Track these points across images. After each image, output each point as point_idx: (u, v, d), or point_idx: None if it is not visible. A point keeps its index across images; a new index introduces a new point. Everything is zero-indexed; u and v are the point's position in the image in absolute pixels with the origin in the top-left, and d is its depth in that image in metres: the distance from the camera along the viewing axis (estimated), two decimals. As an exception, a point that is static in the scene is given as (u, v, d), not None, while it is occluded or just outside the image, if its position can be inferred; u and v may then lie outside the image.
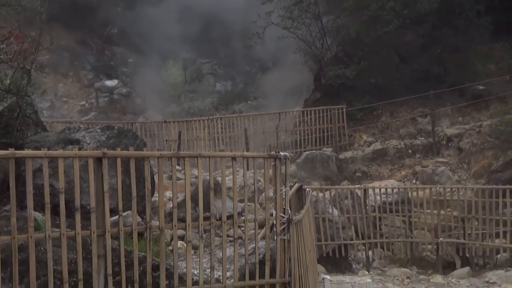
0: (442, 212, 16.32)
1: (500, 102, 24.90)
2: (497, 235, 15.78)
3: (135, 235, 7.16)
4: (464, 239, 15.98)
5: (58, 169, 6.69)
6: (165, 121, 25.43)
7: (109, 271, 6.90)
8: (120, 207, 7.04)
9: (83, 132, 12.07)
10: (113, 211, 7.17)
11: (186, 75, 41.08)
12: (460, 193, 16.60)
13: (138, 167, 7.30)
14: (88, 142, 11.59)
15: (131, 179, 7.09)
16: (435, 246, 16.26)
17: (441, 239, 16.06)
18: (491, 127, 21.92)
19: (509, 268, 14.78)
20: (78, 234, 6.76)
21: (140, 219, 8.99)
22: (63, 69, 38.73)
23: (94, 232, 6.85)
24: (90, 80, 39.19)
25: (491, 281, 14.07)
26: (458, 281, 14.33)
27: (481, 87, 25.65)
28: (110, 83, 39.18)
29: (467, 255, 16.03)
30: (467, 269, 15.35)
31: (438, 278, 14.70)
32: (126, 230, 7.16)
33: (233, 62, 41.50)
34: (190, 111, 36.54)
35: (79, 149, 8.82)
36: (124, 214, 7.24)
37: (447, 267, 16.04)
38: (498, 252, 15.85)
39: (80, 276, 6.75)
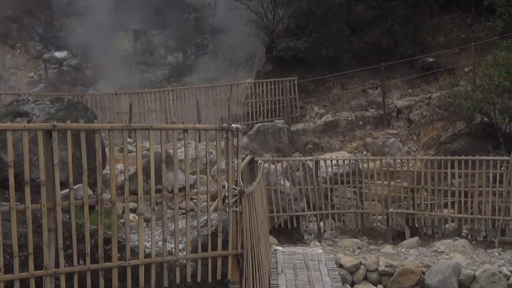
0: (392, 183, 16.51)
1: (449, 74, 25.22)
2: (445, 205, 16.05)
3: (86, 208, 7.10)
4: (414, 209, 16.21)
5: (7, 142, 6.57)
6: (116, 93, 25.12)
7: (60, 244, 6.84)
8: (71, 180, 6.97)
9: (32, 105, 11.92)
10: (64, 184, 7.09)
11: (137, 47, 40.68)
12: (410, 164, 16.79)
13: (88, 140, 7.21)
14: (37, 114, 11.46)
15: (81, 152, 7.01)
16: (385, 217, 16.46)
17: (391, 209, 16.26)
18: (440, 99, 22.19)
19: (456, 238, 15.05)
20: (28, 207, 6.67)
21: (91, 192, 8.93)
22: (11, 40, 38.07)
23: (44, 205, 6.77)
24: (38, 51, 38.57)
25: (439, 250, 14.31)
26: (408, 251, 14.55)
27: (430, 59, 25.94)
28: (59, 54, 38.60)
29: (416, 225, 16.28)
30: (416, 238, 15.58)
31: (388, 248, 14.90)
32: (77, 203, 7.10)
33: (184, 33, 41.21)
34: (141, 83, 36.19)
35: (28, 121, 8.68)
36: (74, 187, 7.16)
37: (397, 237, 16.27)
38: (446, 222, 16.12)
39: (31, 250, 6.68)
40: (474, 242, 15.07)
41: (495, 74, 18.79)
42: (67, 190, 7.05)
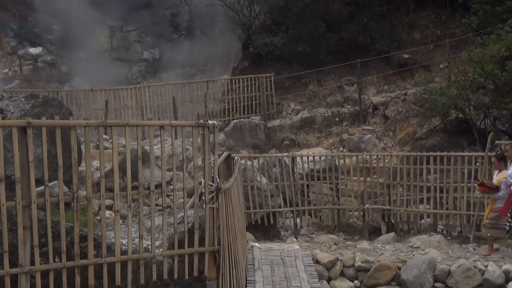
0: (368, 179, 16.59)
1: (424, 70, 25.35)
2: (421, 201, 16.13)
3: (61, 205, 7.06)
4: (390, 205, 16.30)
5: (-19, 139, 6.52)
6: (91, 90, 25.01)
7: (36, 242, 6.80)
8: (46, 177, 6.92)
9: (6, 101, 11.83)
10: (39, 181, 7.05)
11: (113, 43, 40.48)
12: (386, 160, 16.87)
13: (64, 137, 7.17)
14: (12, 111, 11.38)
15: (57, 148, 6.96)
16: (362, 213, 16.54)
17: (367, 205, 16.33)
18: (415, 95, 22.27)
19: (432, 233, 15.15)
20: (3, 205, 6.62)
21: (67, 189, 8.88)
22: (-16, 36, 37.77)
23: (19, 203, 6.72)
24: (13, 47, 38.27)
25: (415, 245, 14.40)
26: (384, 246, 14.62)
27: (406, 56, 26.07)
28: (34, 50, 38.32)
29: (392, 221, 16.35)
30: (392, 234, 15.66)
31: (364, 244, 14.96)
32: (53, 200, 7.06)
33: (161, 29, 41.07)
34: (117, 79, 36.02)
35: (3, 118, 8.63)
36: (50, 184, 7.12)
37: (373, 233, 16.34)
38: (422, 218, 16.21)
39: (6, 247, 6.64)
40: (449, 238, 15.18)
41: (470, 70, 18.90)
42: (42, 187, 7.00)
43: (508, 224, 12.88)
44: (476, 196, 14.87)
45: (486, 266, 12.28)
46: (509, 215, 12.87)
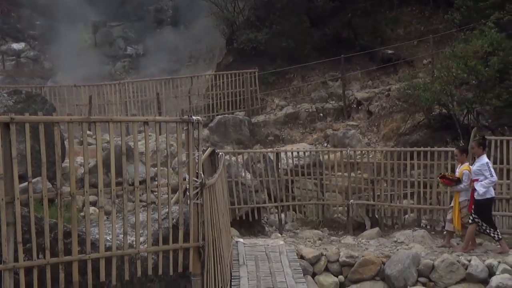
0: (352, 174, 16.63)
1: (408, 66, 25.46)
2: (405, 196, 16.21)
3: (45, 202, 7.03)
4: (374, 200, 16.35)
5: (-36, 135, 6.48)
6: (75, 85, 24.90)
7: (19, 238, 6.76)
8: (30, 173, 6.88)
9: (-11, 97, 11.76)
10: (22, 178, 7.01)
11: (96, 38, 40.34)
12: (370, 156, 16.92)
13: (47, 133, 7.13)
14: (-5, 107, 11.30)
15: (40, 145, 6.92)
16: (346, 208, 16.57)
17: (351, 201, 16.38)
18: (399, 91, 22.40)
19: (416, 228, 15.21)
20: (-14, 201, 6.59)
21: (51, 185, 8.84)
22: (-33, 32, 37.54)
23: (2, 199, 6.68)
24: (-5, 43, 38.11)
25: (399, 240, 14.46)
26: (368, 241, 14.67)
27: (390, 51, 26.17)
28: (17, 46, 38.16)
29: (376, 216, 16.41)
30: (376, 229, 15.71)
31: (349, 239, 15.00)
32: (36, 196, 7.02)
33: (144, 25, 40.99)
34: (101, 75, 35.92)
35: (-15, 114, 8.56)
36: (33, 180, 7.08)
37: (357, 228, 16.39)
38: (405, 213, 16.28)
39: (-11, 244, 6.60)
40: (433, 232, 15.23)
41: (453, 66, 19.01)
42: (26, 184, 6.96)
43: (471, 218, 13.03)
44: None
45: (469, 261, 12.34)
46: (472, 211, 13.02)
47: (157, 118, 8.88)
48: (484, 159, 13.02)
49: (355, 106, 24.68)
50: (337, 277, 12.76)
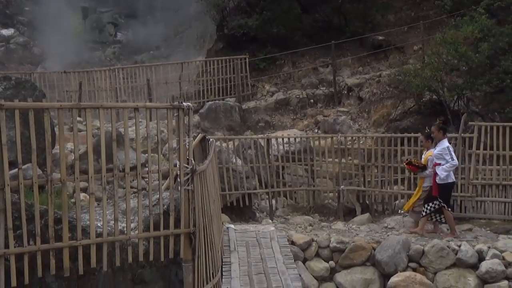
0: (343, 160, 16.65)
1: (398, 52, 25.44)
2: (395, 182, 16.24)
3: (35, 188, 7.02)
4: (364, 186, 16.39)
5: (-47, 122, 6.45)
6: (65, 72, 24.79)
7: (10, 225, 6.75)
8: (20, 159, 6.86)
9: (-22, 83, 11.70)
10: (13, 164, 6.99)
11: (86, 25, 40.16)
12: (361, 142, 16.95)
13: (37, 119, 7.11)
14: (-16, 93, 11.25)
15: (30, 131, 6.90)
16: (337, 194, 16.61)
17: (342, 187, 16.41)
18: (390, 77, 22.39)
19: (406, 214, 15.26)
20: (-24, 188, 6.58)
21: (41, 172, 8.82)
22: (-45, 18, 37.31)
23: (-8, 185, 6.68)
24: (-16, 29, 37.89)
25: (389, 226, 14.52)
26: (359, 227, 14.71)
27: (380, 37, 26.12)
28: (6, 32, 37.97)
29: (367, 202, 16.45)
30: (367, 215, 15.76)
31: (340, 225, 15.04)
32: (26, 183, 7.01)
33: (134, 11, 40.80)
34: (91, 61, 35.79)
35: (-25, 100, 8.52)
36: (24, 167, 7.06)
37: (348, 214, 16.43)
38: (396, 199, 16.31)
39: (-21, 231, 6.59)
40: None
41: (443, 52, 19.00)
42: (16, 170, 6.95)
43: (438, 203, 13.15)
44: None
45: (459, 246, 12.41)
46: (438, 195, 13.13)
47: (147, 104, 8.85)
48: (445, 143, 13.19)
49: (345, 92, 24.67)
50: (328, 262, 12.80)
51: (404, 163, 14.17)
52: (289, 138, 17.19)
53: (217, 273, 9.61)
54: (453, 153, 13.10)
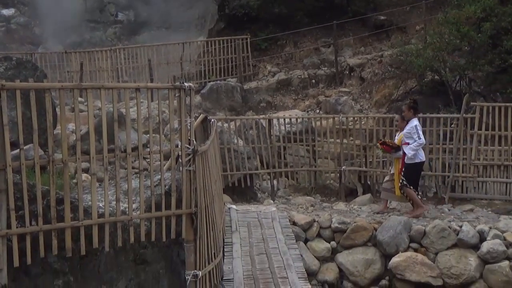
0: (344, 141, 16.65)
1: (400, 32, 25.36)
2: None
3: (37, 169, 7.01)
4: (366, 167, 16.41)
5: (-46, 102, 6.43)
6: (66, 52, 24.77)
7: (12, 205, 6.75)
8: (21, 140, 6.85)
9: (-21, 64, 11.69)
10: (14, 145, 6.98)
11: (87, 4, 39.97)
12: (362, 122, 16.94)
13: (39, 99, 7.09)
14: (-15, 73, 11.23)
15: (31, 111, 6.89)
16: (338, 175, 16.63)
17: (343, 167, 16.43)
18: (391, 57, 22.34)
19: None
20: (-22, 169, 6.58)
21: (42, 152, 8.82)
22: (-46, -2, 37.17)
23: (-6, 166, 6.68)
24: (-16, 9, 37.75)
25: (391, 206, 14.53)
26: (360, 208, 14.74)
27: (382, 17, 26.01)
28: (6, 12, 37.81)
29: (369, 182, 16.48)
30: (368, 196, 15.78)
31: (341, 205, 15.06)
32: (28, 163, 7.00)
33: (135, -10, 40.59)
34: (92, 41, 35.68)
35: (-24, 81, 8.50)
36: (25, 147, 7.06)
37: (350, 195, 16.46)
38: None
39: (-19, 211, 6.60)
40: (424, 199, 15.25)
41: (445, 32, 18.93)
42: (17, 151, 6.94)
43: (401, 181, 13.15)
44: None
45: (460, 227, 12.43)
46: (402, 173, 13.12)
47: (149, 84, 8.84)
48: (414, 122, 13.20)
49: (347, 72, 24.61)
50: (329, 243, 12.82)
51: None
52: (290, 119, 17.19)
53: (219, 253, 9.63)
54: (420, 132, 13.09)
